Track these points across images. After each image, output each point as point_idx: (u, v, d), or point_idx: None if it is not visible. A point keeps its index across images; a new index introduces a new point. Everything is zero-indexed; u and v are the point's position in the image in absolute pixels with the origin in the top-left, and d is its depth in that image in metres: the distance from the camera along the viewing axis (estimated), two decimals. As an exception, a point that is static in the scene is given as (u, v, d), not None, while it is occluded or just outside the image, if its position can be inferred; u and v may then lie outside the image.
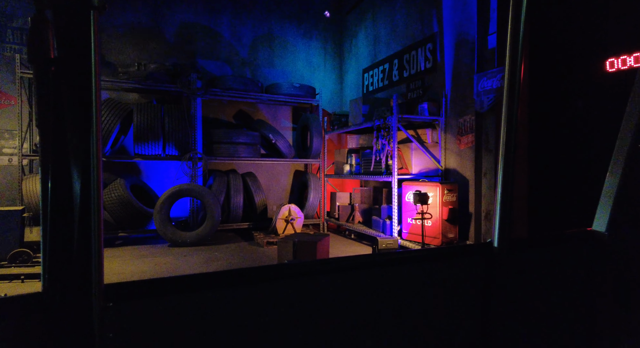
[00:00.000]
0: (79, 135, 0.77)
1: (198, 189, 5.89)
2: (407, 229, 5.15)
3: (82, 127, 0.77)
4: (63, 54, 0.74)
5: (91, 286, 0.78)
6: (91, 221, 0.79)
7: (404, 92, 6.43)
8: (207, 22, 7.46)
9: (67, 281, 0.76)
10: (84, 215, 0.78)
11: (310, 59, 8.39)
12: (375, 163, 5.77)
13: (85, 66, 0.76)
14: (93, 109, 0.78)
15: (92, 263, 0.78)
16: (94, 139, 0.79)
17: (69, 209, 0.76)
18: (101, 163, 0.81)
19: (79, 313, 0.77)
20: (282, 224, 6.15)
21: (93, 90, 0.77)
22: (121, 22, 6.81)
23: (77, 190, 0.77)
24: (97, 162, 0.79)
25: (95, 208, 0.79)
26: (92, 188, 0.78)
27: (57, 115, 0.75)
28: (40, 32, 0.72)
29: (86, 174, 0.78)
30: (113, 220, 5.78)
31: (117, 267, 4.53)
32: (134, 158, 6.16)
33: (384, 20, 7.06)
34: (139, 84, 6.31)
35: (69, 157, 0.76)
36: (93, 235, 0.79)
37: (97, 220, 0.80)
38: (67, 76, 0.75)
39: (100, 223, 0.81)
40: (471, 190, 4.95)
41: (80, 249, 0.77)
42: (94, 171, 0.79)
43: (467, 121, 5.03)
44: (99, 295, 0.78)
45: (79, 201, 0.77)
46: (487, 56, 4.80)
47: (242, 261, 4.87)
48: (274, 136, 7.02)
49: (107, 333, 0.82)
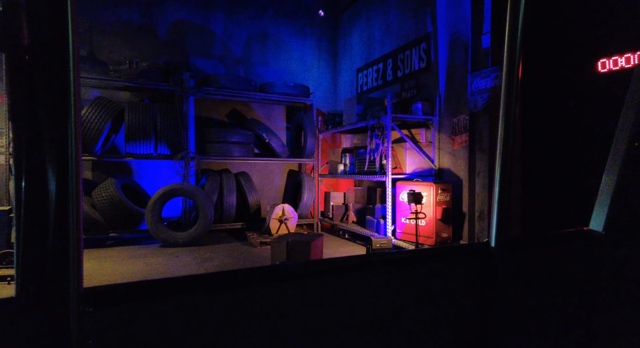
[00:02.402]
0: (56, 129, 0.72)
1: (190, 188, 5.82)
2: (401, 229, 5.14)
3: (59, 120, 0.72)
4: (37, 41, 0.69)
5: (69, 290, 0.73)
6: (69, 221, 0.74)
7: (398, 91, 6.42)
8: (200, 20, 7.38)
9: (42, 285, 0.71)
10: (62, 214, 0.73)
11: (305, 58, 8.35)
12: (369, 162, 5.74)
13: (62, 54, 0.71)
14: (71, 101, 0.73)
15: (70, 265, 0.74)
16: (73, 133, 0.74)
17: (45, 209, 0.71)
18: (80, 158, 0.77)
19: (55, 319, 0.72)
20: (276, 224, 6.10)
21: (71, 80, 0.72)
22: (113, 19, 6.71)
23: (53, 188, 0.72)
24: (76, 157, 0.74)
25: (74, 207, 0.75)
26: (70, 186, 0.74)
27: (31, 107, 0.70)
28: (12, 17, 0.67)
29: (64, 170, 0.73)
30: (104, 220, 5.68)
31: (108, 268, 4.45)
32: (126, 157, 6.07)
33: (378, 19, 7.04)
34: (130, 82, 6.22)
35: (45, 152, 0.71)
36: (72, 236, 0.74)
37: (76, 220, 0.75)
38: (42, 64, 0.70)
39: (80, 223, 0.76)
40: (465, 190, 4.95)
41: (57, 251, 0.72)
42: (73, 167, 0.74)
43: (461, 121, 5.03)
44: (77, 299, 0.74)
45: (56, 200, 0.72)
46: (481, 55, 4.80)
47: (235, 262, 4.82)
48: (268, 136, 6.97)
49: (87, 340, 0.77)
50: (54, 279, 0.72)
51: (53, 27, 0.70)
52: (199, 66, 7.34)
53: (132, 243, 5.95)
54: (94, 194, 5.69)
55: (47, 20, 0.70)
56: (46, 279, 0.71)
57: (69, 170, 0.74)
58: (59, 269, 0.72)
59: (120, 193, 5.70)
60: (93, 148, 5.70)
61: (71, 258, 0.74)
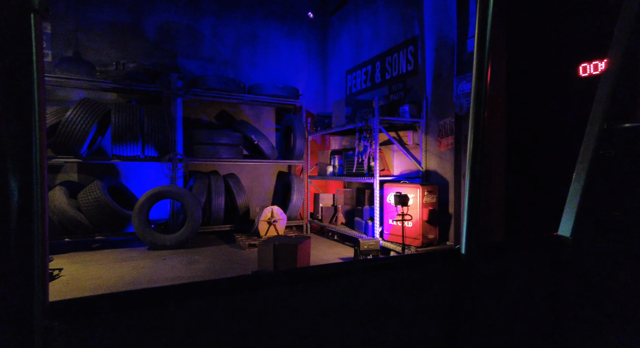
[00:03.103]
0: (18, 134, 0.71)
1: (178, 191, 5.79)
2: (388, 230, 5.18)
3: (22, 124, 0.71)
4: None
5: (32, 304, 0.73)
6: (33, 229, 0.73)
7: (386, 94, 6.46)
8: (188, 20, 7.34)
9: (4, 300, 0.71)
10: (24, 222, 0.72)
11: (294, 60, 8.36)
12: (358, 164, 5.78)
13: (25, 71, 0.72)
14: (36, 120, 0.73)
15: (34, 277, 0.73)
16: (37, 137, 0.73)
17: (6, 219, 0.70)
18: (46, 164, 0.75)
19: (18, 335, 0.71)
20: (265, 226, 6.10)
21: (35, 99, 0.73)
22: (99, 19, 6.64)
23: (15, 196, 0.71)
24: (40, 163, 0.73)
25: (39, 214, 0.73)
26: (34, 192, 0.73)
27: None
28: None
29: (27, 176, 0.72)
30: (90, 222, 5.62)
31: (93, 272, 4.41)
32: (113, 159, 6.02)
33: (367, 22, 7.08)
34: (117, 83, 6.16)
35: (6, 158, 0.70)
36: (35, 246, 0.73)
37: (41, 228, 0.74)
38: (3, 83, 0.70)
39: (45, 232, 0.75)
40: (451, 191, 5.01)
41: (19, 262, 0.72)
42: (37, 172, 0.73)
43: (447, 124, 5.08)
44: (41, 313, 0.73)
45: (18, 209, 0.71)
46: (466, 59, 4.87)
47: (222, 264, 4.80)
48: (257, 137, 6.96)
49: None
50: (17, 293, 0.71)
51: (15, 47, 0.70)
52: (188, 67, 7.30)
53: (119, 245, 5.89)
54: (80, 197, 5.62)
55: (9, 40, 0.69)
56: (8, 294, 0.71)
57: (33, 176, 0.72)
58: (21, 283, 0.72)
59: (106, 195, 5.64)
60: (78, 149, 5.64)
61: (35, 271, 0.74)
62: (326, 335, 1.09)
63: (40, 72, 0.75)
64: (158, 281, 4.10)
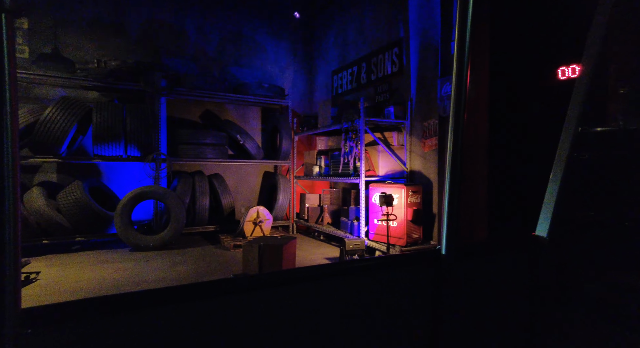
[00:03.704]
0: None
1: (161, 191, 5.70)
2: (373, 230, 5.21)
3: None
4: None
5: (4, 310, 0.71)
6: (5, 233, 0.71)
7: (372, 95, 6.51)
8: (172, 18, 7.24)
9: None
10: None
11: (280, 60, 8.33)
12: (344, 164, 5.80)
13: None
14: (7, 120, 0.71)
15: (4, 283, 0.71)
16: (9, 136, 0.71)
17: None
18: (18, 164, 0.73)
19: None
20: (250, 226, 6.06)
21: (7, 99, 0.71)
22: (79, 15, 6.48)
23: None
24: (12, 161, 0.71)
25: (10, 218, 0.71)
26: (5, 192, 0.71)
27: None
28: None
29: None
30: (70, 224, 5.48)
31: (73, 274, 4.30)
32: (94, 159, 5.88)
33: (353, 23, 7.12)
34: (99, 81, 6.03)
35: None
36: (6, 250, 0.71)
37: (13, 232, 0.72)
38: None
39: (18, 236, 0.73)
40: (435, 191, 5.08)
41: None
42: (9, 174, 0.71)
43: (431, 125, 5.15)
44: (13, 320, 0.71)
45: None
46: (450, 61, 4.94)
47: (207, 266, 4.76)
48: (242, 137, 6.91)
49: None
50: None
51: None
52: (171, 65, 7.19)
53: (100, 247, 5.77)
54: (60, 198, 5.48)
55: None
56: None
57: (4, 179, 0.71)
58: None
59: (87, 196, 5.52)
60: (58, 149, 5.50)
61: (7, 277, 0.72)
62: (310, 337, 1.09)
63: (12, 70, 0.73)
64: (141, 284, 4.03)
